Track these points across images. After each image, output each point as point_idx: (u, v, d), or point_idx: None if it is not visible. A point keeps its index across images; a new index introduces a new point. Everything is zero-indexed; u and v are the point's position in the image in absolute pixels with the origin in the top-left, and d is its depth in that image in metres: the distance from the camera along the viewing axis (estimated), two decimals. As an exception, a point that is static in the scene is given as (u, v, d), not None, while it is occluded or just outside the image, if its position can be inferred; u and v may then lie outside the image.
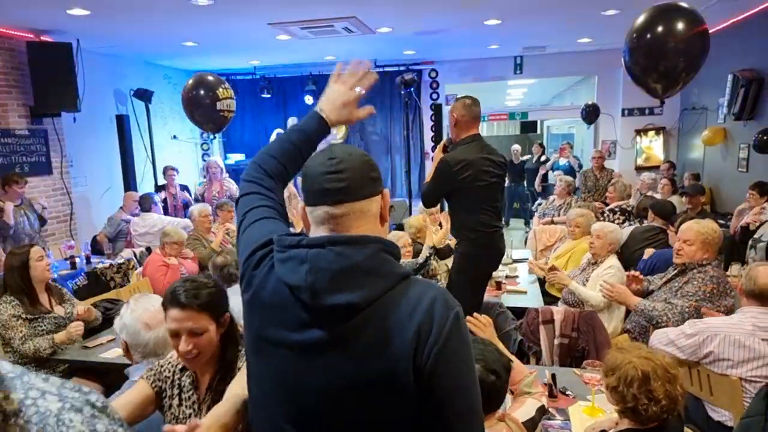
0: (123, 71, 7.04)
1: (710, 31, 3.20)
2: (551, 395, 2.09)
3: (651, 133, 8.00)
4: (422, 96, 8.64)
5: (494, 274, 3.87)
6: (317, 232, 1.01)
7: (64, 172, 5.85)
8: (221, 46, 6.70)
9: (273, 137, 7.10)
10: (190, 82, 5.47)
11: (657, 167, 7.58)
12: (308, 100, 8.63)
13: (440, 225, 3.82)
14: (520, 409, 1.58)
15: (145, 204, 5.55)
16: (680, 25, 2.93)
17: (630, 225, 4.70)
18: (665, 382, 1.45)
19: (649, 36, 3.00)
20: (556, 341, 2.78)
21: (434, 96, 8.67)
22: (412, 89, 8.08)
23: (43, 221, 5.14)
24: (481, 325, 2.04)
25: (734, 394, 1.97)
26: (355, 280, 0.94)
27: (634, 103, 8.05)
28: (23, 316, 2.74)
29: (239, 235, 1.17)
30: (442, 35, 6.47)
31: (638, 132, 8.06)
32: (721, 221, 4.93)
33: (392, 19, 5.51)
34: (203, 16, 4.94)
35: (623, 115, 8.16)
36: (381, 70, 8.45)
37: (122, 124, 6.55)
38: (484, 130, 16.74)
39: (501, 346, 1.97)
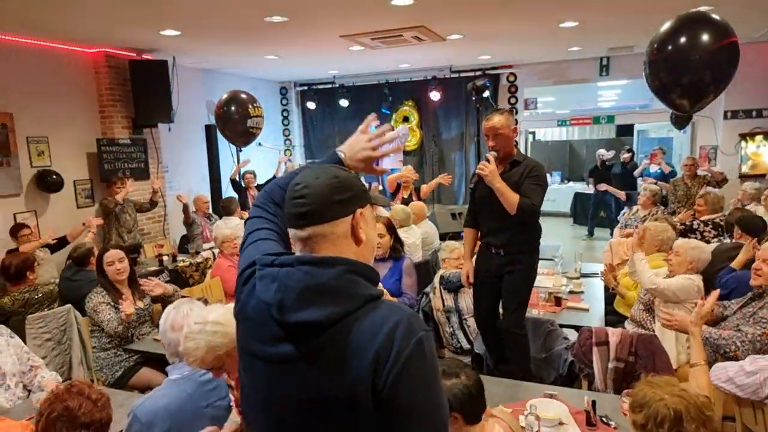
0: (214, 84, 7.64)
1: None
2: (589, 423, 1.97)
3: (759, 137, 7.17)
4: (499, 101, 8.44)
5: (555, 288, 3.71)
6: (296, 251, 1.09)
7: (160, 177, 6.47)
8: (300, 58, 7.03)
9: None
10: (224, 98, 5.84)
11: (764, 176, 6.78)
12: (385, 110, 8.81)
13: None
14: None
15: (230, 207, 5.96)
16: (705, 37, 2.63)
17: (720, 241, 4.26)
18: (699, 425, 1.32)
19: (671, 48, 2.74)
20: (611, 365, 2.60)
21: (512, 101, 8.43)
22: (488, 94, 7.93)
23: (153, 204, 5.78)
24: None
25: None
26: (321, 299, 0.98)
27: (739, 105, 7.26)
28: (110, 303, 3.08)
29: (240, 254, 1.25)
30: (515, 40, 6.29)
31: (743, 136, 7.25)
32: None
33: (461, 25, 5.46)
34: (279, 31, 5.23)
35: (725, 117, 7.39)
36: (456, 75, 8.40)
37: (210, 133, 7.11)
38: (575, 133, 15.89)
39: None
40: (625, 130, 14.41)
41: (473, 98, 7.53)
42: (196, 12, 4.43)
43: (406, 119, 8.79)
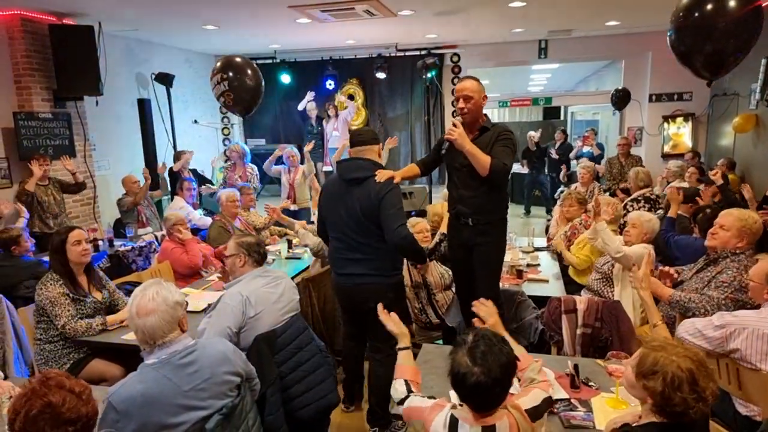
0: (145, 55, 7.08)
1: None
2: (573, 386, 2.04)
3: (679, 119, 7.76)
4: (444, 81, 8.50)
5: (515, 262, 3.82)
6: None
7: (87, 156, 5.93)
8: (241, 30, 6.66)
9: (307, 148, 6.22)
10: (218, 65, 5.38)
11: (683, 155, 7.36)
12: (329, 84, 8.60)
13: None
14: (525, 397, 1.54)
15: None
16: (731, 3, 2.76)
17: (656, 213, 4.56)
18: (710, 380, 1.35)
19: (696, 15, 2.82)
20: (579, 331, 2.72)
21: (456, 81, 8.52)
22: (434, 74, 7.96)
23: (80, 185, 5.25)
24: (485, 310, 2.03)
25: (765, 389, 1.90)
26: (360, 169, 2.69)
27: (663, 89, 7.80)
28: (70, 295, 2.76)
29: None
30: (464, 17, 6.33)
31: (666, 118, 7.82)
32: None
33: (413, 1, 5.40)
34: (223, -2, 4.91)
35: (651, 100, 7.92)
36: (402, 54, 8.34)
37: (143, 108, 6.60)
38: (506, 116, 16.45)
39: (503, 330, 1.94)
40: (552, 113, 15.09)
41: (423, 77, 7.50)
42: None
43: (351, 97, 8.64)
